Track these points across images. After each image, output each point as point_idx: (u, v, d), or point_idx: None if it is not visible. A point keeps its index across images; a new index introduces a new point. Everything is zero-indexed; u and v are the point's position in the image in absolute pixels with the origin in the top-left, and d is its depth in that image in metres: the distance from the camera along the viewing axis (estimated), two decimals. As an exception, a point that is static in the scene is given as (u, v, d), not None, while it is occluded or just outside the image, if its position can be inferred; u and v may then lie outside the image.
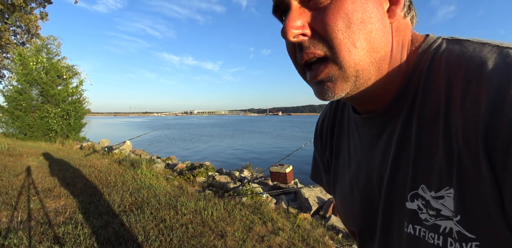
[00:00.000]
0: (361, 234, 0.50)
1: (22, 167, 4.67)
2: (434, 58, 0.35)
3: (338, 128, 0.56)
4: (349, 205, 0.51)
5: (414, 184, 0.36)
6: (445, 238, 0.33)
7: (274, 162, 6.63)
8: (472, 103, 0.29)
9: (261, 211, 3.35)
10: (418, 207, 0.36)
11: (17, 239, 2.23)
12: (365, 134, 0.46)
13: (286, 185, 5.68)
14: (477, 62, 0.30)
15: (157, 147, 17.93)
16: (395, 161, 0.39)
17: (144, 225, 2.70)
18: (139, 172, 5.01)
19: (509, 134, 0.26)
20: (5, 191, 3.38)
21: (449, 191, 0.32)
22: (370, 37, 0.34)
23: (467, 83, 0.30)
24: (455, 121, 0.31)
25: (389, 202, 0.40)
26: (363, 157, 0.47)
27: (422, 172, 0.35)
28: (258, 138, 26.23)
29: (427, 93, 0.35)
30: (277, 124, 61.96)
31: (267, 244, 2.60)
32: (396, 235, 0.40)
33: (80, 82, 12.11)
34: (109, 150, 8.29)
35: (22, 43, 13.12)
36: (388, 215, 0.41)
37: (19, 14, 11.33)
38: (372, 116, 0.43)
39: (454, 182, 0.31)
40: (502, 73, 0.28)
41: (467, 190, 0.30)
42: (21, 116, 10.38)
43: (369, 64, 0.35)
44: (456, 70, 0.32)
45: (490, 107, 0.27)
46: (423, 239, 0.36)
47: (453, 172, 0.31)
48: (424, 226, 0.35)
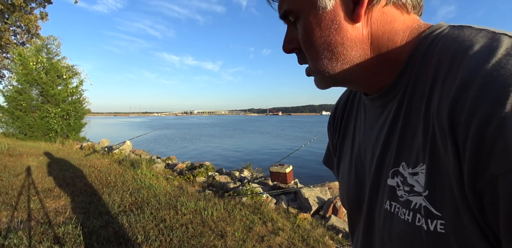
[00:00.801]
0: (351, 212, 0.51)
1: (22, 167, 4.67)
2: (433, 42, 0.36)
3: (348, 109, 0.58)
4: (347, 183, 0.52)
5: (397, 161, 0.37)
6: (414, 214, 0.33)
7: (274, 162, 6.63)
8: (448, 82, 0.30)
9: (261, 211, 3.35)
10: (396, 184, 0.37)
11: (17, 239, 2.23)
12: (369, 115, 0.48)
13: (286, 185, 5.68)
14: (466, 45, 0.30)
15: (157, 147, 17.94)
16: (385, 141, 0.40)
17: (144, 225, 2.70)
18: (139, 172, 5.01)
19: (471, 110, 0.26)
20: (5, 191, 3.38)
21: (422, 167, 0.33)
22: (330, 46, 0.39)
23: (451, 63, 0.31)
24: (434, 100, 0.31)
25: (376, 179, 0.41)
26: (364, 136, 0.48)
27: (405, 150, 0.36)
28: (258, 138, 26.23)
29: (420, 75, 0.36)
30: (277, 124, 61.95)
31: (267, 244, 2.60)
32: (377, 212, 0.41)
33: (80, 82, 12.11)
34: (109, 150, 8.29)
35: (22, 43, 13.12)
36: (374, 192, 0.42)
37: (19, 14, 11.33)
38: (375, 97, 0.44)
39: (426, 159, 0.32)
40: (483, 54, 0.28)
41: (436, 167, 0.31)
42: (21, 116, 10.38)
43: (337, 67, 0.40)
44: (446, 52, 0.32)
45: (461, 85, 0.27)
46: (396, 215, 0.36)
47: (427, 148, 0.32)
48: (399, 202, 0.36)
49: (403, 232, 0.35)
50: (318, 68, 0.41)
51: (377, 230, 0.41)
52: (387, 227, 0.38)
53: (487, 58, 0.27)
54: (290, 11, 0.41)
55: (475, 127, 0.25)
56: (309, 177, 8.28)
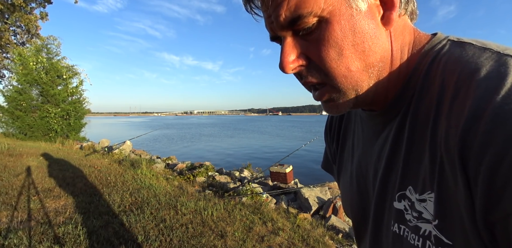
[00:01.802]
0: (357, 225, 0.51)
1: (22, 167, 4.67)
2: (434, 60, 0.35)
3: (345, 120, 0.57)
4: (349, 196, 0.53)
5: (402, 185, 0.37)
6: (424, 241, 0.34)
7: (274, 162, 6.63)
8: (456, 110, 0.29)
9: (261, 211, 3.35)
10: (404, 208, 0.37)
11: (17, 239, 2.23)
12: (367, 130, 0.47)
13: (286, 185, 5.67)
14: (471, 69, 0.29)
15: (157, 147, 17.94)
16: (388, 161, 0.39)
17: (144, 225, 2.70)
18: (139, 172, 5.01)
19: (482, 146, 0.25)
20: (5, 191, 3.38)
21: (431, 195, 0.32)
22: (364, 56, 0.35)
23: (457, 89, 0.29)
24: (441, 127, 0.30)
25: (380, 199, 0.41)
26: (364, 151, 0.48)
27: (410, 173, 0.36)
28: (258, 138, 26.23)
29: (422, 96, 0.35)
30: (277, 124, 61.95)
31: (267, 244, 2.60)
32: (385, 232, 0.41)
33: (80, 82, 12.12)
34: (109, 150, 8.29)
35: (22, 43, 13.12)
36: (379, 212, 0.42)
37: (19, 14, 11.33)
38: (375, 115, 0.44)
39: (435, 187, 0.31)
40: (491, 82, 0.27)
41: (445, 196, 0.30)
42: (21, 116, 10.38)
43: (367, 79, 0.36)
44: (450, 75, 0.31)
45: (470, 116, 0.27)
46: (406, 238, 0.36)
47: (435, 177, 0.31)
48: (408, 226, 0.36)
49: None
50: (346, 86, 0.36)
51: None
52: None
53: (497, 88, 0.26)
54: (305, 15, 0.33)
55: (487, 163, 0.25)
56: (309, 177, 8.28)
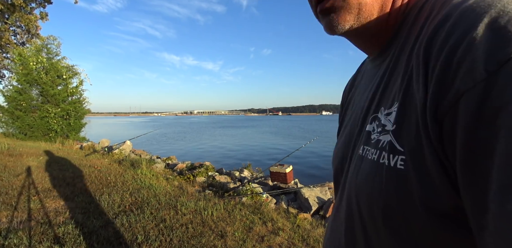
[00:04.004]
0: (336, 172, 0.50)
1: (22, 167, 4.67)
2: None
3: (355, 83, 0.58)
4: (337, 145, 0.52)
5: (377, 108, 0.37)
6: (380, 152, 0.33)
7: (274, 162, 6.63)
8: (433, 23, 0.29)
9: (261, 211, 3.35)
10: (372, 129, 0.37)
11: (17, 239, 2.23)
12: (366, 77, 0.48)
13: (286, 185, 5.67)
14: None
15: (157, 147, 17.93)
16: (373, 93, 0.40)
17: (144, 225, 2.70)
18: (139, 172, 5.01)
19: (444, 39, 0.25)
20: (5, 191, 3.38)
21: (396, 106, 0.32)
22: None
23: (440, 8, 0.30)
24: (418, 43, 0.31)
25: (359, 132, 0.41)
26: (358, 98, 0.48)
27: (386, 95, 0.36)
28: (258, 138, 26.23)
29: (412, 29, 0.35)
30: (277, 124, 61.95)
31: (267, 244, 2.60)
32: (353, 160, 0.40)
33: (80, 82, 12.11)
34: (109, 150, 8.29)
35: (22, 43, 13.12)
36: (357, 142, 0.41)
37: (19, 14, 11.33)
38: (374, 58, 0.44)
39: (400, 96, 0.31)
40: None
41: (407, 102, 0.30)
42: (21, 116, 10.38)
43: (371, 2, 0.37)
44: (439, 1, 0.32)
45: (441, 19, 0.27)
46: (365, 157, 0.36)
47: (402, 86, 0.31)
48: (370, 144, 0.36)
49: (367, 171, 0.34)
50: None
51: (349, 177, 0.40)
52: (356, 170, 0.37)
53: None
54: None
55: (446, 50, 0.25)
56: (309, 177, 8.28)
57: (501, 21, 0.22)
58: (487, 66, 0.21)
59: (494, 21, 0.23)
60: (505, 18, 0.22)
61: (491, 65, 0.21)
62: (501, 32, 0.22)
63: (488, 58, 0.22)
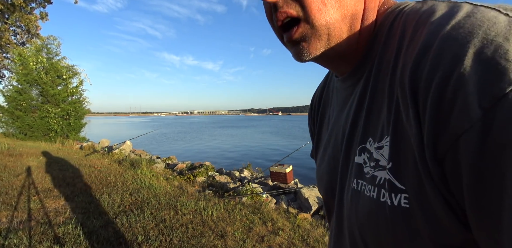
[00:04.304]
0: (326, 197, 0.49)
1: (22, 167, 4.67)
2: (398, 16, 0.35)
3: (324, 98, 0.57)
4: (321, 168, 0.51)
5: (364, 138, 0.36)
6: (379, 190, 0.32)
7: (274, 162, 6.63)
8: (411, 49, 0.29)
9: (261, 211, 3.35)
10: (363, 161, 0.36)
11: (17, 239, 2.23)
12: (340, 97, 0.47)
13: (286, 185, 5.67)
14: (428, 13, 0.29)
15: (157, 147, 17.93)
16: (353, 119, 0.39)
17: (144, 225, 2.70)
18: (139, 172, 5.01)
19: (430, 72, 0.25)
20: (5, 191, 3.38)
21: (387, 140, 0.31)
22: (344, 3, 0.35)
23: (414, 32, 0.30)
24: (398, 69, 0.30)
25: (346, 159, 0.40)
26: (336, 120, 0.47)
27: (371, 125, 0.35)
28: (258, 138, 26.23)
29: (384, 50, 0.35)
30: (277, 124, 61.95)
31: (267, 244, 2.60)
32: (346, 192, 0.39)
33: (80, 82, 12.12)
34: (109, 150, 8.29)
35: (22, 43, 13.12)
36: (344, 172, 0.40)
37: (19, 14, 11.33)
38: (345, 78, 0.43)
39: (390, 129, 0.30)
40: (443, 18, 0.27)
41: (400, 137, 0.29)
42: (21, 116, 10.39)
43: (340, 21, 0.36)
44: (409, 23, 0.31)
45: (421, 48, 0.27)
46: (362, 193, 0.35)
47: (391, 119, 0.31)
48: (365, 179, 0.35)
49: (368, 209, 0.33)
50: (319, 20, 0.35)
51: (345, 210, 0.40)
52: (354, 206, 0.36)
53: (447, 21, 0.26)
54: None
55: (434, 86, 0.24)
56: (309, 177, 8.28)
57: (488, 52, 0.22)
58: (482, 103, 0.21)
59: (480, 52, 0.22)
60: (491, 48, 0.22)
61: (485, 102, 0.21)
62: (491, 65, 0.21)
63: (482, 95, 0.21)
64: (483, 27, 0.23)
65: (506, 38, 0.22)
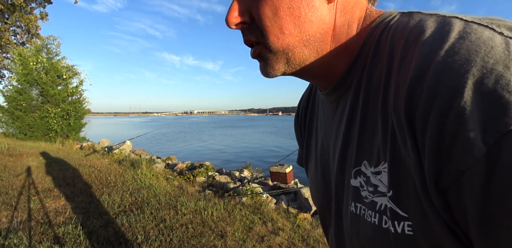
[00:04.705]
0: (322, 212, 0.50)
1: (22, 167, 4.67)
2: (384, 31, 0.34)
3: (311, 108, 0.57)
4: (315, 183, 0.51)
5: (358, 160, 0.36)
6: (380, 216, 0.32)
7: (274, 162, 6.63)
8: (403, 73, 0.27)
9: (261, 211, 3.35)
10: (360, 184, 0.35)
11: (17, 239, 2.23)
12: (326, 110, 0.47)
13: (286, 185, 5.67)
14: (417, 32, 0.28)
15: (157, 147, 17.94)
16: (344, 138, 0.39)
17: (144, 225, 2.70)
18: (139, 172, 5.01)
19: (427, 103, 0.24)
20: (5, 191, 3.38)
21: (384, 166, 0.31)
22: (299, 22, 0.35)
23: (404, 52, 0.29)
24: (390, 93, 0.29)
25: (339, 180, 0.40)
26: (325, 133, 0.47)
27: (365, 147, 0.35)
28: (258, 138, 26.23)
29: (373, 67, 0.34)
30: (277, 124, 61.94)
31: (267, 244, 2.60)
32: (344, 214, 0.40)
33: (80, 82, 12.12)
34: (109, 150, 8.29)
35: (22, 43, 13.12)
36: (339, 193, 0.40)
37: (19, 14, 11.33)
38: (329, 92, 0.43)
39: (387, 156, 0.30)
40: (435, 40, 0.26)
41: (398, 164, 0.29)
42: (21, 116, 10.39)
43: (299, 46, 0.36)
44: (398, 41, 0.31)
45: (415, 75, 0.25)
46: (362, 217, 0.35)
47: (387, 145, 0.30)
48: (364, 203, 0.35)
49: (371, 235, 0.33)
50: (276, 46, 0.36)
51: (346, 231, 0.40)
52: (354, 229, 0.36)
53: (440, 44, 0.25)
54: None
55: (433, 119, 0.23)
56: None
57: (488, 83, 0.21)
58: (486, 139, 0.20)
59: (480, 83, 0.21)
60: (492, 79, 0.21)
61: (490, 138, 0.20)
62: (493, 98, 0.20)
63: (485, 130, 0.20)
64: (481, 53, 0.22)
65: (506, 67, 0.21)
